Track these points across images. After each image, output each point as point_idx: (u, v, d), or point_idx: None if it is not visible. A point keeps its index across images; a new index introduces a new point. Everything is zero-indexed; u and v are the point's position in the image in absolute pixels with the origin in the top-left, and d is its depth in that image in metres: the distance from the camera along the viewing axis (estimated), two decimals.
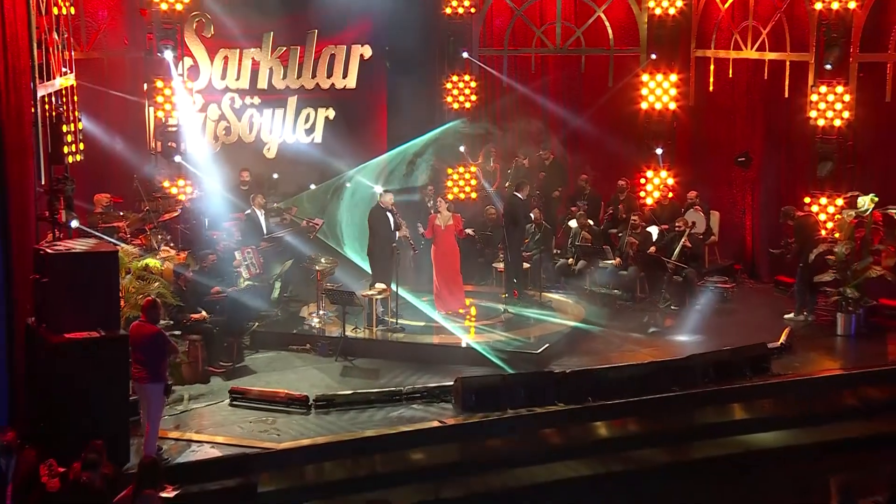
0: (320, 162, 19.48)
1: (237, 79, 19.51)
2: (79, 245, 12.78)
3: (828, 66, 16.77)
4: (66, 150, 14.05)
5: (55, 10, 14.07)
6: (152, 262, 15.03)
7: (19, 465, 10.31)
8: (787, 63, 17.89)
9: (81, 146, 15.17)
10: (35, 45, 13.30)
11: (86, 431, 10.55)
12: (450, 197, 18.57)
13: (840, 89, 16.57)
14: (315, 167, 19.33)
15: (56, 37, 14.16)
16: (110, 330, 11.71)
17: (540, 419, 13.28)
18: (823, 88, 16.70)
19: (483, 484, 12.10)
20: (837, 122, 16.68)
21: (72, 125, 14.69)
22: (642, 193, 19.14)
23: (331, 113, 19.92)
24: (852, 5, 16.40)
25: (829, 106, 16.63)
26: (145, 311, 12.20)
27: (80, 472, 9.75)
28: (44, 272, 11.83)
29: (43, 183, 13.50)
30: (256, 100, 19.65)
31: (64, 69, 14.51)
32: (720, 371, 14.16)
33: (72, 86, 14.80)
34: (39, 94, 13.30)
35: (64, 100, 14.36)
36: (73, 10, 15.00)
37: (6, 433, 10.48)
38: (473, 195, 19.57)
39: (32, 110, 13.16)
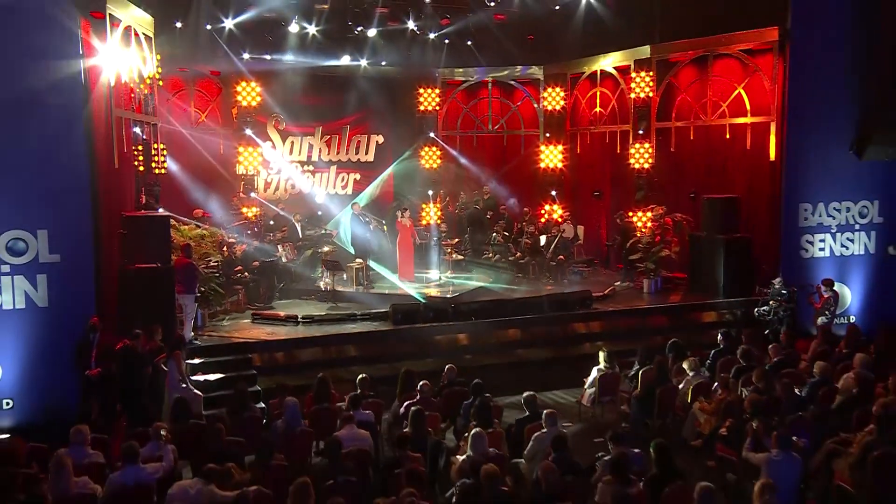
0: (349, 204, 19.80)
1: (299, 154, 20.48)
2: (145, 214, 13.95)
3: (640, 132, 17.94)
4: (153, 164, 15.00)
5: (141, 81, 14.33)
6: (205, 233, 15.93)
7: (100, 338, 11.28)
8: (619, 132, 18.86)
9: (165, 165, 15.76)
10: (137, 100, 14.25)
11: (148, 321, 11.64)
12: (423, 221, 18.74)
13: (646, 145, 17.74)
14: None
15: (144, 95, 14.53)
16: (163, 262, 12.76)
17: (438, 329, 14.27)
18: (637, 145, 17.82)
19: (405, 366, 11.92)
20: (645, 166, 17.77)
21: (156, 151, 15.21)
22: (543, 215, 19.56)
23: (357, 176, 20.99)
24: (651, 94, 17.63)
25: (641, 156, 17.75)
26: (182, 250, 13.43)
27: (129, 342, 11.04)
28: (124, 228, 12.98)
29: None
30: (311, 168, 20.64)
31: (153, 120, 15.15)
32: (559, 304, 15.29)
33: (156, 125, 15.34)
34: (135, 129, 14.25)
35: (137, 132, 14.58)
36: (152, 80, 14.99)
37: (93, 318, 11.38)
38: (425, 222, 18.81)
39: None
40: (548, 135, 20.95)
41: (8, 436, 10.22)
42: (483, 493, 7.05)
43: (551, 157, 20.45)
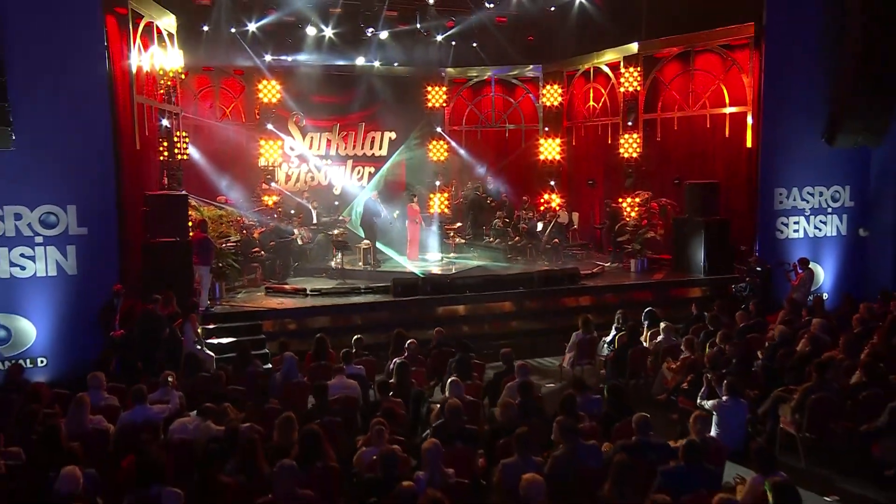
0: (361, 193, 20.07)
1: (318, 149, 20.43)
2: (166, 193, 13.99)
3: (629, 123, 17.96)
4: (175, 150, 14.97)
5: (163, 74, 14.30)
6: (225, 215, 16.07)
7: (123, 303, 11.49)
8: (610, 124, 18.88)
9: (187, 151, 15.55)
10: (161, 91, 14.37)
11: (168, 289, 11.64)
12: (431, 210, 19.06)
13: (635, 136, 17.77)
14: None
15: (166, 87, 14.52)
16: (181, 237, 12.81)
17: (437, 301, 14.30)
18: (626, 136, 17.85)
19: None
20: (634, 155, 17.78)
21: (179, 138, 15.13)
22: (542, 203, 19.53)
23: (371, 169, 21.00)
24: (638, 88, 17.65)
25: (630, 146, 17.75)
26: (199, 226, 13.52)
27: (146, 305, 11.20)
28: (147, 206, 13.02)
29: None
30: (329, 162, 20.59)
31: (175, 109, 15.12)
32: (548, 280, 15.21)
33: (178, 114, 15.33)
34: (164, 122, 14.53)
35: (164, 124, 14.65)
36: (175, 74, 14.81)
37: (116, 285, 11.52)
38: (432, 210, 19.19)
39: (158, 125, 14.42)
40: (546, 129, 21.01)
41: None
42: (448, 425, 7.23)
43: (550, 149, 20.47)
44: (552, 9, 18.41)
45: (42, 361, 11.59)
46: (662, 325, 11.81)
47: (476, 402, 8.69)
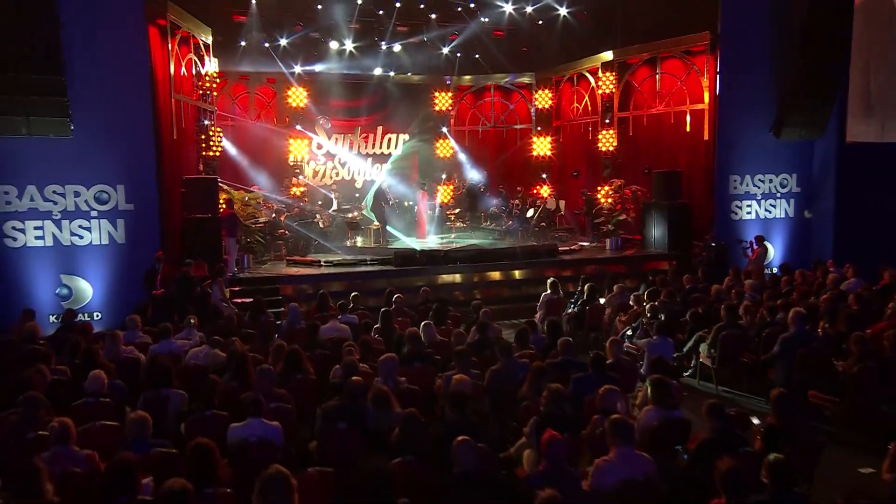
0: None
1: (342, 148, 20.63)
2: (200, 177, 14.39)
3: (606, 121, 18.19)
4: (211, 139, 15.39)
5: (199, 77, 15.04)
6: (251, 197, 16.37)
7: (163, 268, 11.81)
8: (591, 122, 19.08)
9: (221, 144, 16.01)
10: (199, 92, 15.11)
11: (202, 256, 12.29)
12: (439, 198, 19.40)
13: (611, 132, 18.04)
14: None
15: (202, 89, 15.16)
16: (212, 213, 13.29)
17: (433, 270, 14.52)
18: (604, 132, 18.12)
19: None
20: (611, 148, 18.05)
21: (214, 133, 15.59)
22: (535, 193, 19.90)
23: (388, 166, 20.96)
24: (613, 90, 17.88)
25: (607, 141, 18.03)
26: (226, 203, 14.06)
27: (181, 269, 11.48)
28: (184, 188, 13.51)
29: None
30: (351, 159, 20.79)
31: (210, 108, 15.61)
32: (530, 254, 15.55)
33: (213, 112, 15.70)
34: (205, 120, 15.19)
35: (206, 122, 15.38)
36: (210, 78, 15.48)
37: (158, 252, 11.93)
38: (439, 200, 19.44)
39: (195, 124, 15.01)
40: (539, 128, 21.26)
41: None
42: (410, 349, 7.80)
43: (541, 146, 20.78)
44: (540, 22, 18.75)
45: (98, 315, 12.05)
46: (616, 286, 12.19)
47: (444, 341, 9.06)
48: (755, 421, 6.03)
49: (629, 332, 10.28)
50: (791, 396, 5.72)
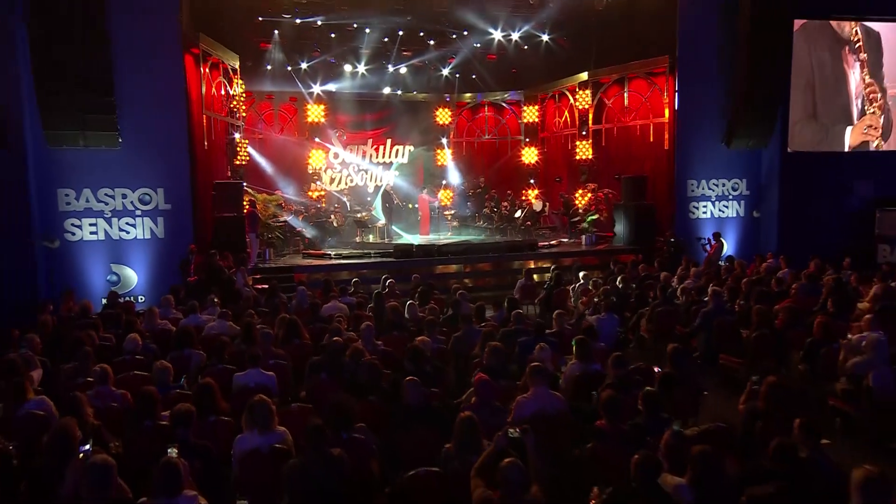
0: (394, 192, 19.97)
1: (356, 156, 21.02)
2: (228, 182, 14.70)
3: (583, 133, 18.48)
4: (238, 150, 15.91)
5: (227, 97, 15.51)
6: (272, 199, 17.02)
7: (196, 258, 12.28)
8: (570, 134, 19.29)
9: (247, 154, 16.58)
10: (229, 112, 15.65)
11: (229, 248, 12.72)
12: (440, 198, 19.71)
13: (587, 143, 18.34)
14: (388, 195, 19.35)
15: (230, 107, 15.63)
16: (237, 212, 13.74)
17: (427, 262, 14.84)
18: (581, 143, 18.42)
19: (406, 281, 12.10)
20: (587, 157, 18.38)
21: (240, 144, 16.14)
22: (523, 196, 20.11)
23: (396, 173, 21.31)
24: (589, 106, 18.18)
25: (583, 150, 18.36)
26: (249, 204, 14.49)
27: (208, 257, 11.90)
28: (214, 191, 13.91)
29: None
30: (365, 167, 21.20)
31: (236, 121, 16.03)
32: (512, 248, 16.02)
33: (240, 126, 16.12)
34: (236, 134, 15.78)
35: (236, 137, 15.94)
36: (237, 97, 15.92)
37: (191, 245, 12.37)
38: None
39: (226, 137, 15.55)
40: (527, 139, 21.65)
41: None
42: (390, 320, 8.54)
43: (529, 155, 21.22)
44: (525, 47, 19.21)
45: (142, 298, 12.63)
46: (582, 273, 12.82)
47: (424, 317, 9.72)
48: (656, 369, 6.63)
49: (588, 312, 10.77)
50: (683, 351, 6.38)
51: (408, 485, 4.21)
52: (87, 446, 4.55)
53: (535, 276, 14.46)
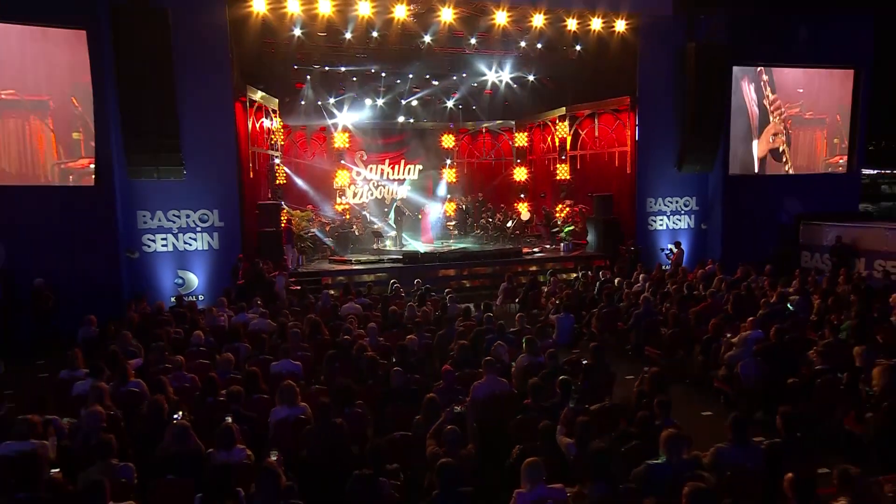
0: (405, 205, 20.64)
1: (375, 174, 21.80)
2: (268, 202, 15.01)
3: (563, 158, 19.05)
4: (276, 174, 16.74)
5: (269, 133, 16.09)
6: (303, 215, 17.65)
7: (243, 265, 12.64)
8: (552, 158, 19.98)
9: (284, 179, 17.50)
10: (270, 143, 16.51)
11: (269, 257, 13.21)
12: (442, 212, 20.48)
13: (566, 166, 18.97)
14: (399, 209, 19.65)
15: (271, 141, 16.13)
16: (276, 227, 14.19)
17: (430, 267, 15.11)
18: (560, 166, 19.08)
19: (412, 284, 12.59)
20: (565, 177, 19.02)
21: (279, 169, 17.09)
22: (515, 209, 20.74)
23: (409, 188, 22.04)
24: (567, 135, 18.71)
25: (563, 172, 18.97)
26: (287, 221, 15.06)
27: (253, 265, 12.51)
28: (258, 210, 14.31)
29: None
30: (384, 182, 21.89)
31: (275, 152, 16.77)
32: (500, 255, 16.46)
33: (278, 155, 16.84)
34: (276, 160, 16.49)
35: (276, 162, 16.83)
36: (277, 132, 16.60)
37: (239, 255, 12.85)
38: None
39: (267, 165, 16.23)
40: (517, 161, 22.26)
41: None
42: (389, 320, 9.68)
43: (520, 174, 21.87)
44: (515, 85, 20.13)
45: (201, 297, 13.26)
46: (552, 277, 13.65)
47: (417, 319, 10.71)
48: (584, 361, 7.69)
49: (552, 311, 11.79)
50: (601, 347, 7.47)
51: (385, 444, 5.40)
52: (177, 415, 5.74)
53: (522, 279, 15.08)
